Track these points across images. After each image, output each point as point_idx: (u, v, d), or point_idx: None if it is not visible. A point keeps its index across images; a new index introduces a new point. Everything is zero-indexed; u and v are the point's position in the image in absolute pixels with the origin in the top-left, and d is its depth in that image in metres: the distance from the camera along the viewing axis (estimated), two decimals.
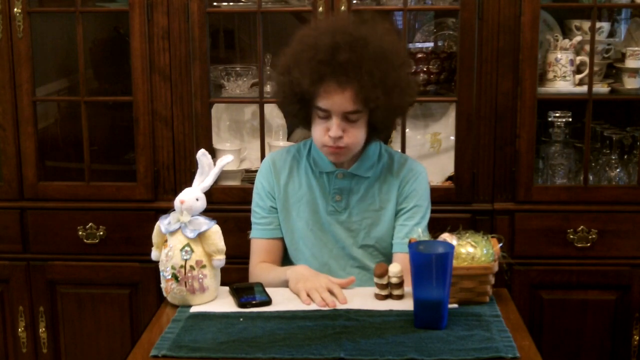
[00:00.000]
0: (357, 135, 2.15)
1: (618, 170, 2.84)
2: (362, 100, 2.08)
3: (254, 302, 1.98)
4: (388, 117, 2.19)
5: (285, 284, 2.13)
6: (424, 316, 1.84)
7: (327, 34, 2.10)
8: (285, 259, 2.35)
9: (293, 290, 2.07)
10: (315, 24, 2.22)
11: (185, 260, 1.95)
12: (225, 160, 2.01)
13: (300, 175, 2.29)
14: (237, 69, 2.92)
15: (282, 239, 2.32)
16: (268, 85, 2.90)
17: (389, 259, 2.25)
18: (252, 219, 2.35)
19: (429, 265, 1.80)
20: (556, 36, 2.79)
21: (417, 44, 3.01)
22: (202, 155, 2.02)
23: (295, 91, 2.12)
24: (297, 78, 2.09)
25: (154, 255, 2.03)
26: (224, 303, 2.01)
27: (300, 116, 2.21)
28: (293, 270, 2.14)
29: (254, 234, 2.35)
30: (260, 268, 2.28)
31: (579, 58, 2.77)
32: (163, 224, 2.00)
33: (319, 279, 2.06)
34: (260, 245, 2.32)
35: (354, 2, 2.73)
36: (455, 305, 1.95)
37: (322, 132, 2.14)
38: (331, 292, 2.01)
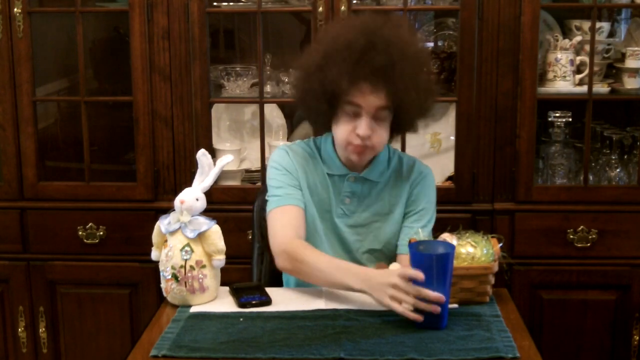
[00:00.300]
0: (383, 135, 2.15)
1: (618, 170, 2.84)
2: (393, 99, 2.09)
3: (254, 302, 1.98)
4: (415, 118, 2.19)
5: (342, 286, 2.00)
6: (424, 316, 1.83)
7: (361, 35, 2.08)
8: None
9: (382, 304, 1.91)
10: (344, 22, 2.21)
11: (185, 260, 1.95)
12: (225, 160, 2.01)
13: (315, 173, 2.25)
14: (237, 69, 2.92)
15: (304, 212, 2.19)
16: (268, 85, 2.90)
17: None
18: (274, 192, 2.19)
19: (430, 265, 1.80)
20: (556, 36, 2.79)
21: None
22: (202, 155, 2.02)
23: (326, 89, 2.10)
24: (332, 75, 2.07)
25: (154, 255, 2.03)
26: (224, 303, 2.00)
27: (325, 115, 2.18)
28: (360, 279, 1.96)
29: (277, 202, 2.16)
30: (305, 247, 2.08)
31: (579, 58, 2.77)
32: (163, 224, 1.99)
33: (388, 278, 1.90)
34: (289, 213, 2.14)
35: (354, 2, 2.73)
36: (455, 305, 1.95)
37: (349, 131, 2.12)
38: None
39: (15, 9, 2.71)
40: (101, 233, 2.84)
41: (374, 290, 1.91)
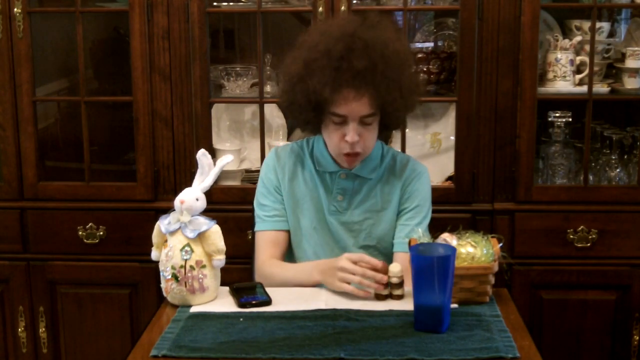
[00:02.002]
0: (371, 138, 2.17)
1: (618, 170, 2.84)
2: (378, 103, 2.11)
3: (254, 302, 1.98)
4: (401, 117, 2.22)
5: (309, 283, 2.12)
6: (424, 320, 1.83)
7: (338, 40, 2.08)
8: (288, 255, 2.34)
9: (333, 287, 2.05)
10: (321, 28, 2.21)
11: (185, 260, 1.95)
12: (225, 160, 2.01)
13: (304, 173, 2.29)
14: (237, 69, 2.92)
15: (288, 232, 2.30)
16: (268, 85, 2.90)
17: (389, 259, 2.25)
18: (258, 212, 2.31)
19: (431, 268, 1.79)
20: (556, 36, 2.79)
21: (417, 44, 3.02)
22: (202, 155, 2.02)
23: (310, 99, 2.11)
24: (315, 87, 2.08)
25: (154, 255, 2.03)
26: (224, 303, 2.01)
27: (312, 123, 2.20)
28: (318, 270, 2.11)
29: (260, 226, 2.30)
30: (272, 265, 2.24)
31: (579, 58, 2.77)
32: (163, 224, 1.99)
33: (337, 262, 2.03)
34: (267, 237, 2.28)
35: (354, 2, 2.73)
36: (455, 305, 1.95)
37: (339, 139, 2.14)
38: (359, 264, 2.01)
39: (15, 9, 2.71)
40: (101, 233, 2.84)
41: (327, 276, 2.04)
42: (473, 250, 1.95)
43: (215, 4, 2.83)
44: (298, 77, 2.13)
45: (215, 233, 1.97)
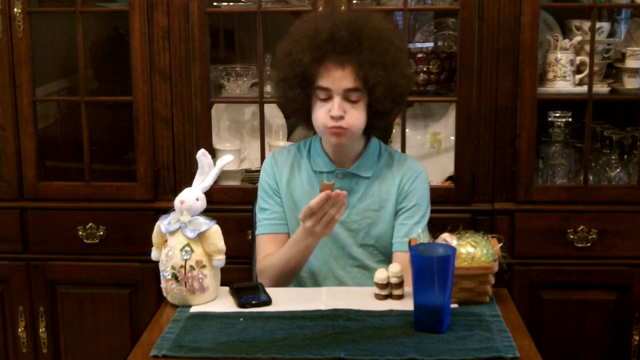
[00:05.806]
0: (358, 116, 2.16)
1: (618, 170, 2.84)
2: (362, 77, 2.12)
3: (254, 302, 1.98)
4: (387, 98, 2.17)
5: (305, 248, 2.15)
6: (424, 320, 1.83)
7: (326, 19, 2.17)
8: None
9: (311, 232, 2.08)
10: (311, 15, 2.29)
11: (185, 260, 1.95)
12: (225, 160, 2.01)
13: (301, 174, 2.29)
14: (237, 69, 2.92)
15: (288, 235, 2.30)
16: (268, 85, 2.90)
17: (388, 258, 2.25)
18: (258, 216, 2.33)
19: (430, 268, 1.79)
20: (556, 36, 2.79)
21: (417, 44, 3.02)
22: (202, 155, 2.02)
23: (296, 72, 2.15)
24: (298, 57, 2.13)
25: (154, 255, 2.03)
26: (224, 303, 2.00)
27: (301, 102, 2.21)
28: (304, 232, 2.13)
29: (260, 230, 2.32)
30: (267, 257, 2.25)
31: (579, 58, 2.77)
32: (163, 224, 1.99)
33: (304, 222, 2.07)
34: (267, 240, 2.30)
35: (354, 2, 2.73)
36: (455, 305, 1.95)
37: (324, 114, 2.16)
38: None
39: (15, 9, 2.71)
40: (101, 233, 2.84)
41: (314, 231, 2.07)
42: (473, 250, 1.95)
43: (215, 4, 2.83)
44: (286, 53, 2.18)
45: (215, 233, 1.97)
